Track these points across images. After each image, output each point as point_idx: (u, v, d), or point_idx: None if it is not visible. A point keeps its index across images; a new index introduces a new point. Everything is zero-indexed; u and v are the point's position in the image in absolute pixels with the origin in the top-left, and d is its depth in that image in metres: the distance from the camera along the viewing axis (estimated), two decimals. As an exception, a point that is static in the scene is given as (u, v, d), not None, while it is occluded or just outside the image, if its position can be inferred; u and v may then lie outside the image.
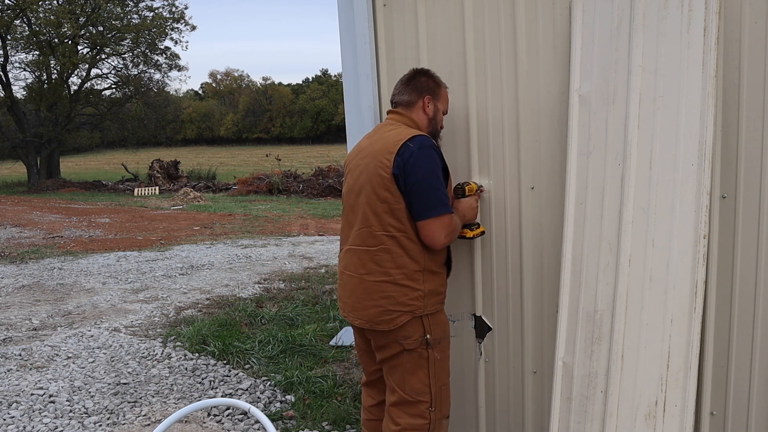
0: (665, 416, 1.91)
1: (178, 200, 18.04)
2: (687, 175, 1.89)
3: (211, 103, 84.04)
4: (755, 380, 2.01)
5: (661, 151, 1.92)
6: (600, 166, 2.03)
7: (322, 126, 71.77)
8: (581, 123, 2.10)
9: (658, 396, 1.92)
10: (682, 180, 1.89)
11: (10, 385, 4.03)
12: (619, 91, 2.00)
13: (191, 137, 76.81)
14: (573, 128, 2.12)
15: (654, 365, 1.92)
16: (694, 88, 1.88)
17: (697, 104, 1.87)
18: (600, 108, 2.05)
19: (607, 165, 2.02)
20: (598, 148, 2.05)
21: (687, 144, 1.89)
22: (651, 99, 1.94)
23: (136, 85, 28.45)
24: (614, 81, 2.01)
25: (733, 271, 2.00)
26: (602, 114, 2.04)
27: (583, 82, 2.09)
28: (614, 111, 2.01)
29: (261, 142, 70.65)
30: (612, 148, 2.01)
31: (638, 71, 1.95)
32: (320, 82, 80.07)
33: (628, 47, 1.97)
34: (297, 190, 20.01)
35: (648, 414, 1.92)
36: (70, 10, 24.88)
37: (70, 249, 9.73)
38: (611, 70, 2.02)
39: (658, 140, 1.93)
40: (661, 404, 1.92)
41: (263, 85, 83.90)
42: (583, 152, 2.09)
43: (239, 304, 5.87)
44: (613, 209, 2.01)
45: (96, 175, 30.15)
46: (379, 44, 2.64)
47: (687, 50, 1.88)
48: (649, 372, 1.93)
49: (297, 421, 3.40)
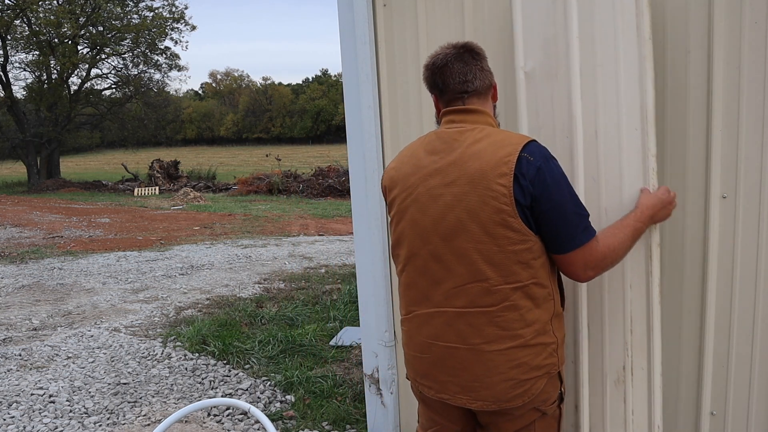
0: (633, 380, 1.95)
1: (178, 200, 18.05)
2: (632, 140, 1.91)
3: (211, 103, 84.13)
4: (755, 380, 2.01)
5: (605, 120, 1.94)
6: (550, 141, 2.03)
7: (322, 126, 71.83)
8: (529, 100, 2.11)
9: (625, 361, 1.95)
10: (628, 146, 1.92)
11: (10, 385, 4.03)
12: (560, 65, 2.01)
13: (191, 137, 76.89)
14: (522, 106, 2.12)
15: (618, 331, 1.95)
16: (631, 53, 1.89)
17: (636, 69, 1.89)
18: (544, 83, 2.06)
19: (557, 139, 2.04)
20: (546, 124, 2.07)
21: (629, 110, 1.91)
22: (591, 69, 1.95)
23: (136, 85, 28.49)
24: (555, 55, 2.02)
25: (733, 271, 2.00)
26: (547, 89, 2.05)
27: (527, 60, 2.09)
28: (558, 85, 2.02)
29: (261, 142, 70.72)
30: (559, 122, 2.03)
31: (576, 43, 1.96)
32: (320, 82, 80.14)
33: (565, 19, 1.98)
34: (297, 190, 20.03)
35: (617, 379, 1.96)
36: (70, 10, 24.91)
37: (70, 249, 9.73)
38: (552, 44, 2.02)
39: (601, 110, 1.95)
40: (629, 369, 1.95)
41: (263, 85, 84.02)
42: (533, 129, 2.10)
43: (239, 304, 5.87)
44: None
45: (96, 175, 30.16)
46: (379, 44, 2.63)
47: (621, 16, 1.89)
48: (615, 338, 1.96)
49: (297, 421, 3.40)
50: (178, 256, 8.91)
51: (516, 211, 1.52)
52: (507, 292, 1.57)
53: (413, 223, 1.66)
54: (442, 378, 1.68)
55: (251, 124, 77.92)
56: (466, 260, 1.58)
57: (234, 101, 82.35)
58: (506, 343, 1.59)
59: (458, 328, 1.62)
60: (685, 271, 2.07)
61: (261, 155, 40.47)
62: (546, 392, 1.65)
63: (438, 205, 1.60)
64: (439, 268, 1.62)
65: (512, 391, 1.61)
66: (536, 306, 1.60)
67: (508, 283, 1.57)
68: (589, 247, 1.56)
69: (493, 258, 1.56)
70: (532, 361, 1.60)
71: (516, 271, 1.56)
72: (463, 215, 1.56)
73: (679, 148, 2.02)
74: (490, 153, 1.55)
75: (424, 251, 1.65)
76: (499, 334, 1.59)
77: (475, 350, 1.61)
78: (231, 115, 79.55)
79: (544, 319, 1.61)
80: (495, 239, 1.54)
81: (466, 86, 1.67)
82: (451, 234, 1.59)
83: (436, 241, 1.62)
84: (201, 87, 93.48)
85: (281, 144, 65.82)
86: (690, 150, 2.01)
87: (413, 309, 1.72)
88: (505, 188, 1.51)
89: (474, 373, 1.62)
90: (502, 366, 1.60)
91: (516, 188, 1.51)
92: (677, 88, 2.00)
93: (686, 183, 2.02)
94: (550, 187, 1.52)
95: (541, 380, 1.63)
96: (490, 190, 1.53)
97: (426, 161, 1.66)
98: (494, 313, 1.58)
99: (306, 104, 74.24)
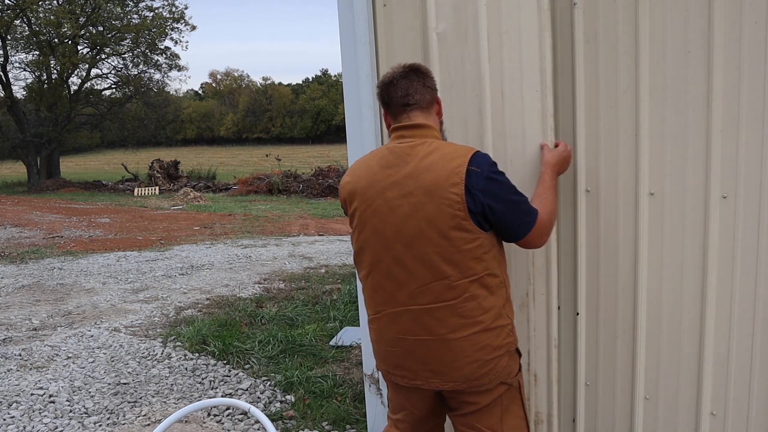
0: (535, 304, 2.27)
1: (178, 200, 18.06)
2: (532, 101, 2.14)
3: (211, 103, 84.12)
4: (755, 380, 2.01)
5: (510, 82, 2.16)
6: (461, 99, 2.26)
7: (322, 126, 71.84)
8: (441, 59, 2.30)
9: (528, 289, 2.26)
10: (529, 106, 2.15)
11: (10, 385, 4.03)
12: (470, 29, 2.21)
13: (191, 137, 76.89)
14: (435, 64, 2.30)
15: (523, 264, 2.26)
16: (532, 22, 2.11)
17: (536, 37, 2.11)
18: (456, 45, 2.26)
19: (467, 97, 2.25)
20: (458, 83, 2.27)
21: (530, 73, 2.13)
22: (497, 34, 2.16)
23: (136, 85, 28.48)
24: (465, 19, 2.22)
25: (733, 271, 2.00)
26: (458, 50, 2.25)
27: (440, 22, 2.29)
28: (468, 47, 2.22)
29: (261, 142, 70.73)
30: (469, 82, 2.24)
31: (484, 9, 2.16)
32: (320, 82, 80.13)
33: None
34: (297, 190, 20.03)
35: (522, 304, 2.27)
36: (70, 10, 24.90)
37: (70, 249, 9.73)
38: (462, 9, 2.22)
39: (506, 72, 2.16)
40: (531, 295, 2.26)
41: (263, 85, 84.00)
42: (446, 86, 2.29)
43: (239, 304, 5.87)
44: (476, 137, 2.27)
45: (96, 175, 30.17)
46: (379, 44, 2.63)
47: None
48: (520, 270, 2.26)
49: (297, 421, 3.40)
50: (178, 256, 8.91)
51: (468, 215, 1.73)
52: (466, 285, 1.77)
53: (375, 233, 1.83)
54: (414, 367, 1.86)
55: (251, 124, 77.92)
56: (428, 263, 1.77)
57: (234, 101, 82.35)
58: (469, 330, 1.79)
59: (425, 323, 1.81)
60: (685, 271, 2.07)
61: (261, 155, 40.47)
62: (509, 367, 1.88)
63: (397, 215, 1.78)
64: (403, 272, 1.80)
65: (480, 370, 1.82)
66: (491, 294, 1.81)
67: (466, 277, 1.77)
68: (538, 224, 1.82)
69: (451, 258, 1.75)
70: (494, 342, 1.82)
71: (471, 266, 1.77)
72: (422, 223, 1.75)
73: (679, 148, 2.02)
74: (442, 165, 1.75)
75: (387, 257, 1.82)
76: (463, 323, 1.79)
77: (442, 340, 1.81)
78: (231, 115, 79.55)
79: (499, 305, 1.83)
80: (451, 241, 1.74)
81: (407, 99, 1.86)
82: (411, 240, 1.77)
83: (398, 248, 1.79)
84: (201, 87, 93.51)
85: (281, 144, 65.83)
86: (690, 150, 2.01)
87: (381, 309, 1.89)
88: (458, 196, 1.72)
89: (443, 359, 1.82)
90: (468, 350, 1.80)
91: (467, 197, 1.72)
92: (677, 87, 2.00)
93: (686, 183, 2.02)
94: (498, 194, 1.75)
95: (503, 358, 1.85)
96: (445, 199, 1.73)
97: (381, 175, 1.83)
98: (456, 305, 1.78)
99: (306, 104, 74.24)
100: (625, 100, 2.10)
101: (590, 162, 2.20)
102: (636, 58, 2.05)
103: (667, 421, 2.16)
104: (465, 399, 1.88)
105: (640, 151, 2.08)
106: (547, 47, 2.10)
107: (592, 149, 2.19)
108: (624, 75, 2.09)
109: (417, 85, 1.87)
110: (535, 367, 2.33)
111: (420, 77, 1.89)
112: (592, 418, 2.33)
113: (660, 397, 2.17)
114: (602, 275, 2.23)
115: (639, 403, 2.21)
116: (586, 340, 2.30)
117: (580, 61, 2.16)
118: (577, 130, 2.21)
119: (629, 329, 2.20)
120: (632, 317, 2.18)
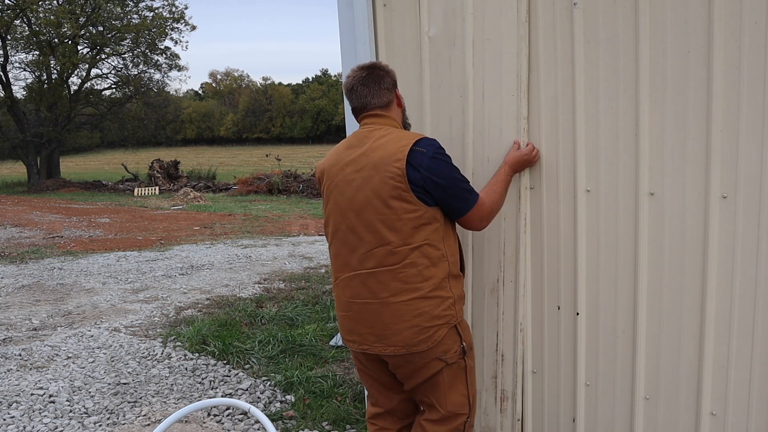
0: (504, 289, 2.47)
1: (178, 200, 18.05)
2: (509, 103, 2.33)
3: (211, 103, 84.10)
4: (755, 380, 2.01)
5: (490, 85, 2.36)
6: (448, 98, 2.47)
7: (322, 126, 71.80)
8: (431, 60, 2.50)
9: (499, 275, 2.47)
10: (506, 108, 2.34)
11: (10, 385, 4.03)
12: (457, 35, 2.42)
13: (191, 137, 76.86)
14: (425, 64, 2.51)
15: (494, 253, 2.47)
16: (511, 32, 2.29)
17: (514, 45, 2.29)
18: (444, 48, 2.46)
19: (453, 97, 2.46)
20: (445, 83, 2.48)
21: (508, 79, 2.32)
22: (481, 41, 2.36)
23: (136, 85, 28.47)
24: (453, 26, 2.42)
25: (733, 271, 2.00)
26: (447, 53, 2.46)
27: (431, 26, 2.48)
28: (455, 51, 2.43)
29: (261, 142, 70.71)
30: (455, 83, 2.45)
31: (470, 18, 2.36)
32: (320, 82, 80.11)
33: None
34: (297, 190, 20.03)
35: (492, 289, 2.49)
36: (70, 10, 24.90)
37: (70, 249, 9.73)
38: (451, 16, 2.42)
39: (488, 76, 2.37)
40: (501, 281, 2.47)
41: (263, 85, 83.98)
42: (435, 84, 2.51)
43: (239, 304, 5.87)
44: (458, 133, 2.47)
45: (96, 175, 30.17)
46: (379, 44, 2.64)
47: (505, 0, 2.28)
48: (492, 258, 2.48)
49: (297, 421, 3.40)
50: (178, 256, 8.91)
51: (409, 188, 1.91)
52: (406, 252, 1.94)
53: (335, 204, 2.05)
54: (361, 330, 2.03)
55: (251, 124, 77.90)
56: (373, 229, 1.96)
57: (234, 101, 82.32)
58: (409, 295, 1.95)
59: (370, 286, 1.98)
60: (685, 271, 2.07)
61: (261, 155, 40.47)
62: (446, 343, 2.00)
63: (351, 188, 2.00)
64: (354, 238, 2.00)
65: (417, 336, 1.96)
66: (432, 264, 1.97)
67: (407, 245, 1.94)
68: (478, 206, 2.03)
69: (393, 225, 1.94)
70: (433, 311, 1.96)
71: (411, 233, 1.94)
72: (370, 193, 1.96)
73: (679, 148, 2.02)
74: (390, 145, 1.97)
75: (343, 225, 2.02)
76: (402, 288, 1.95)
77: (384, 302, 1.96)
78: (231, 115, 79.51)
79: (440, 276, 1.98)
80: (393, 210, 1.93)
81: (366, 104, 2.10)
82: (361, 209, 1.97)
83: (351, 216, 2.00)
84: (201, 87, 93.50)
85: (281, 144, 65.81)
86: (690, 150, 2.01)
87: (339, 275, 2.08)
88: (399, 170, 1.92)
89: (384, 321, 1.97)
90: (406, 314, 1.95)
91: (409, 171, 1.91)
92: (677, 87, 2.00)
93: (686, 183, 2.02)
94: (442, 172, 1.94)
95: (441, 329, 1.98)
96: (388, 172, 1.93)
97: (344, 155, 2.07)
98: (397, 270, 1.95)
99: (306, 104, 74.19)
100: (625, 100, 2.10)
101: (590, 162, 2.20)
102: (636, 58, 2.05)
103: (667, 421, 2.16)
104: (406, 374, 2.05)
105: (640, 151, 2.08)
106: (524, 56, 2.27)
107: (592, 149, 2.19)
108: (624, 75, 2.09)
109: (374, 89, 2.08)
110: (502, 348, 2.51)
111: (377, 81, 2.09)
112: (592, 418, 2.34)
113: (660, 397, 2.17)
114: (602, 275, 2.24)
115: (639, 403, 2.21)
116: (586, 340, 2.30)
117: (580, 61, 2.16)
118: (577, 130, 2.21)
119: (629, 329, 2.20)
120: (632, 317, 2.19)
